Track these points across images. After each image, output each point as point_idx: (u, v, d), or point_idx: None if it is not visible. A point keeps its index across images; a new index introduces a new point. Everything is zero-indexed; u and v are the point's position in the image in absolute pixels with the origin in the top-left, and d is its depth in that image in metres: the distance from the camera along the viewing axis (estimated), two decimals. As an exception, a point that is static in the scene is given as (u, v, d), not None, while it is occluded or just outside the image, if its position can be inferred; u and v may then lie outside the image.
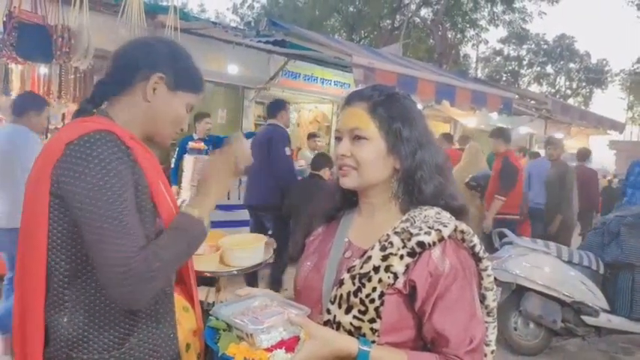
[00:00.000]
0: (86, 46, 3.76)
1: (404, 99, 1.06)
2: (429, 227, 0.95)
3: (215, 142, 5.65)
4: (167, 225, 1.06)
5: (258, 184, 4.14)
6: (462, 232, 0.97)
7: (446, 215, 1.00)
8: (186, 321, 1.14)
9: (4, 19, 3.40)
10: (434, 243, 0.94)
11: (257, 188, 4.20)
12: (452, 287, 0.93)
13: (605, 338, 3.73)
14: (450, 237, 0.95)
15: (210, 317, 0.97)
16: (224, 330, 0.96)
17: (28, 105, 3.04)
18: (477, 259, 0.99)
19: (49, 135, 3.85)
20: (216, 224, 5.09)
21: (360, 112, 1.02)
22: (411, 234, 0.95)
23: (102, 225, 0.94)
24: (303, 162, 6.61)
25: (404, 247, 0.94)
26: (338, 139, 1.06)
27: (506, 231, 3.94)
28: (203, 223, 1.07)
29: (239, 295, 1.03)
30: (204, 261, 1.17)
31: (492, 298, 1.01)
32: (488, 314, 1.01)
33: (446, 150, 5.56)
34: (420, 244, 0.94)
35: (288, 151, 4.18)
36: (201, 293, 1.29)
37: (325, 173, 4.04)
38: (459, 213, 1.03)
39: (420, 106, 1.13)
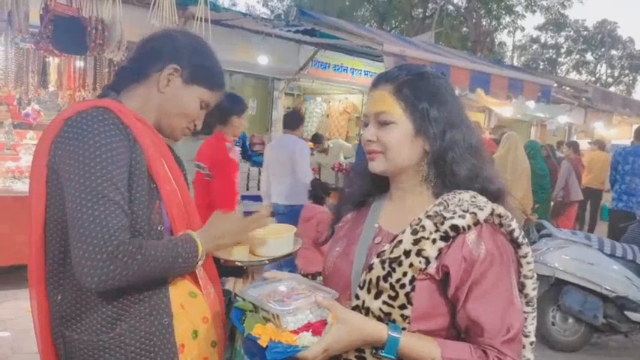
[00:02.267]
0: (119, 39, 3.83)
1: (434, 78, 1.00)
2: (464, 210, 0.90)
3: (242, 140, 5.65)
4: (168, 207, 1.07)
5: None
6: (500, 215, 0.91)
7: (482, 199, 0.94)
8: (192, 307, 1.10)
9: (41, 12, 3.49)
10: (469, 227, 0.89)
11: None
12: (488, 273, 0.87)
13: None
14: (486, 221, 0.90)
15: (237, 298, 0.95)
16: (250, 311, 0.94)
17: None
18: (516, 245, 0.93)
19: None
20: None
21: (384, 94, 0.98)
22: (445, 217, 0.90)
23: (84, 197, 0.94)
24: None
25: (437, 230, 0.90)
26: (365, 124, 1.02)
27: (545, 222, 3.80)
28: (197, 249, 1.06)
29: (266, 278, 1.00)
30: (234, 250, 1.15)
31: (532, 287, 0.95)
32: (527, 304, 0.95)
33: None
34: (454, 227, 0.89)
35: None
36: (229, 284, 1.26)
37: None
38: (496, 197, 0.97)
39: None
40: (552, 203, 6.33)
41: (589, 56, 26.36)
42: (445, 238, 0.89)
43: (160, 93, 1.11)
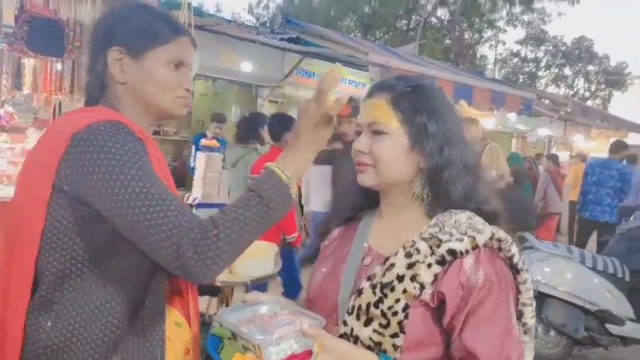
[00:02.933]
0: (99, 42, 3.72)
1: (432, 90, 0.95)
2: (462, 233, 0.85)
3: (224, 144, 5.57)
4: None
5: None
6: (499, 240, 0.86)
7: (479, 220, 0.89)
8: (177, 337, 1.01)
9: (16, 12, 3.36)
10: (466, 251, 0.83)
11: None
12: (486, 301, 0.82)
13: (629, 348, 3.57)
14: (485, 245, 0.84)
15: (213, 324, 0.88)
16: (229, 338, 0.86)
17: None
18: (515, 271, 0.88)
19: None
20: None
21: (381, 103, 0.92)
22: (441, 240, 0.84)
23: (134, 205, 0.83)
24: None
25: (432, 254, 0.84)
26: (358, 133, 0.96)
27: (527, 235, 3.80)
28: (288, 186, 0.89)
29: (245, 300, 0.93)
30: None
31: (531, 315, 0.89)
32: (525, 333, 0.90)
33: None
34: (451, 251, 0.83)
35: None
36: (202, 303, 1.17)
37: None
38: (492, 218, 0.92)
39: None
40: (532, 215, 6.41)
41: (567, 71, 27.02)
42: (441, 262, 0.83)
43: (123, 85, 0.99)
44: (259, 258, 1.11)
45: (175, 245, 0.81)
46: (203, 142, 5.17)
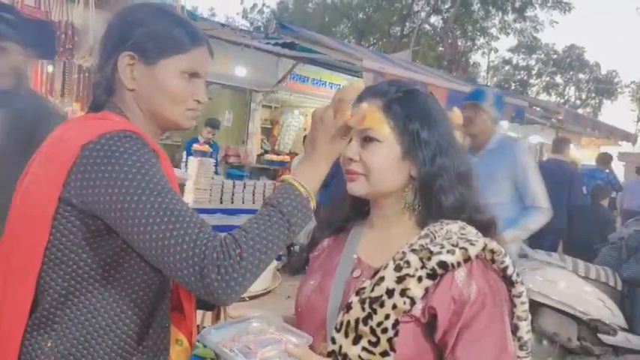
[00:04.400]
0: (91, 44, 3.69)
1: (425, 96, 0.93)
2: (453, 245, 0.82)
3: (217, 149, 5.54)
4: None
5: None
6: (492, 251, 0.83)
7: (472, 231, 0.87)
8: (178, 356, 0.98)
9: (7, 13, 3.32)
10: (458, 264, 0.81)
11: None
12: (479, 316, 0.79)
13: (622, 358, 3.56)
14: (477, 257, 0.82)
15: (197, 344, 0.84)
16: (212, 359, 0.83)
17: None
18: (510, 284, 0.86)
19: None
20: (220, 228, 4.98)
21: (372, 109, 0.89)
22: (432, 252, 0.82)
23: (153, 221, 0.78)
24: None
25: (423, 267, 0.81)
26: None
27: (521, 243, 3.79)
28: (308, 200, 0.85)
29: (231, 316, 0.90)
30: None
31: (526, 330, 0.87)
32: (521, 347, 0.87)
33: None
34: (442, 264, 0.80)
35: None
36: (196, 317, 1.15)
37: None
38: (485, 228, 0.90)
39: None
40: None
41: (558, 79, 27.28)
42: (432, 275, 0.81)
43: (132, 92, 0.93)
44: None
45: (198, 266, 0.76)
46: (195, 146, 5.14)
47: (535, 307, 3.39)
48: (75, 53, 3.52)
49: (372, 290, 0.83)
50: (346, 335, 0.83)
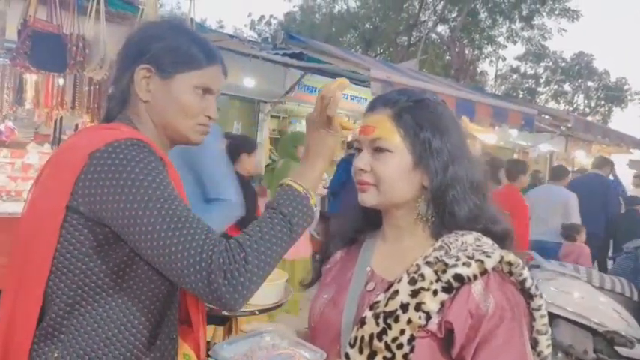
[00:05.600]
0: (102, 57, 3.72)
1: (436, 105, 0.92)
2: (469, 257, 0.80)
3: None
4: None
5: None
6: (510, 263, 0.81)
7: (487, 242, 0.85)
8: None
9: (19, 27, 3.37)
10: (475, 276, 0.79)
11: None
12: (497, 331, 0.77)
13: (639, 371, 3.48)
14: (494, 269, 0.80)
15: (209, 358, 0.83)
16: None
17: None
18: (528, 296, 0.83)
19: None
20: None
21: (382, 119, 0.89)
22: (447, 265, 0.80)
23: (160, 228, 0.79)
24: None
25: (438, 280, 0.79)
26: (358, 150, 0.92)
27: (534, 254, 3.74)
28: (307, 198, 0.87)
29: (244, 330, 0.88)
30: None
31: (546, 344, 0.85)
32: None
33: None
34: (458, 277, 0.78)
35: None
36: (208, 331, 1.13)
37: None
38: (502, 239, 0.88)
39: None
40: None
41: (567, 86, 27.13)
42: (448, 289, 0.79)
43: (146, 103, 0.96)
44: (269, 286, 1.05)
45: (205, 271, 0.76)
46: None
47: (549, 318, 3.32)
48: (86, 66, 3.55)
49: (387, 304, 0.81)
50: (361, 351, 0.81)
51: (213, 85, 0.98)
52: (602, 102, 27.27)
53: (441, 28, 17.86)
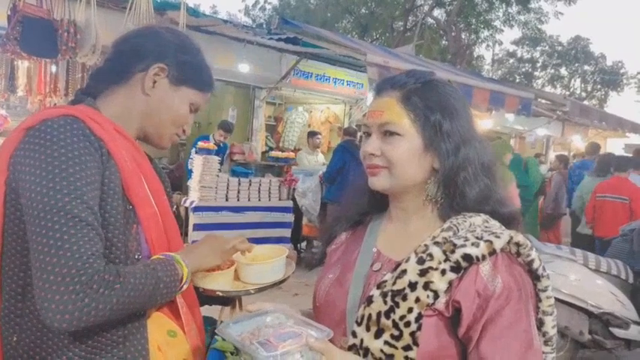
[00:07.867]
0: (94, 42, 3.66)
1: (444, 86, 0.90)
2: (477, 237, 0.80)
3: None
4: (147, 232, 0.93)
5: None
6: (518, 244, 0.81)
7: (495, 224, 0.85)
8: (171, 348, 0.94)
9: (9, 12, 3.31)
10: (483, 257, 0.78)
11: None
12: (504, 311, 0.77)
13: (635, 351, 3.53)
14: (502, 250, 0.79)
15: (215, 337, 0.83)
16: (231, 353, 0.82)
17: None
18: (535, 278, 0.83)
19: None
20: (227, 226, 5.00)
21: (391, 102, 0.87)
22: (455, 245, 0.80)
23: (49, 218, 0.78)
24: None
25: (446, 260, 0.79)
26: (367, 134, 0.91)
27: (530, 237, 3.75)
28: (180, 271, 0.92)
29: (249, 310, 0.87)
30: (215, 278, 1.00)
31: (552, 325, 0.85)
32: (546, 343, 0.85)
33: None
34: (467, 257, 0.78)
35: None
36: (215, 312, 1.12)
37: None
38: (509, 221, 0.87)
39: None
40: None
41: (563, 71, 27.07)
42: (456, 269, 0.79)
43: (145, 96, 0.99)
44: (267, 264, 1.04)
45: (79, 284, 0.76)
46: (200, 144, 5.12)
47: (546, 300, 3.36)
48: (78, 51, 3.50)
49: (394, 283, 0.81)
50: (367, 329, 0.81)
51: (201, 107, 1.08)
52: (599, 86, 27.26)
53: (438, 12, 17.71)
